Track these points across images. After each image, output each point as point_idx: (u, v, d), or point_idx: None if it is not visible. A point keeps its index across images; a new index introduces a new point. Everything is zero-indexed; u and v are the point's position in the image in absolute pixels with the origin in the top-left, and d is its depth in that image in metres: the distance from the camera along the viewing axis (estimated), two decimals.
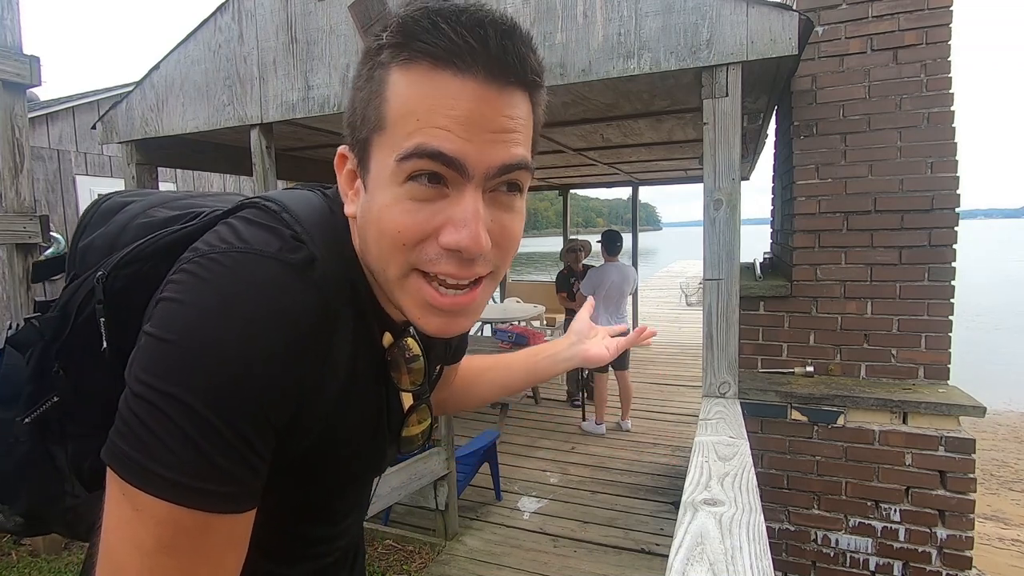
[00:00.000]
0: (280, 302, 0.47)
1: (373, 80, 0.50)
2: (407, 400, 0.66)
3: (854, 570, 2.42)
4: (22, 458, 0.62)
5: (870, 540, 2.39)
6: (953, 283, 2.42)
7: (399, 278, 0.51)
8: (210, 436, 0.43)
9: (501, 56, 0.46)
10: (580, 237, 5.61)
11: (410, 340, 0.65)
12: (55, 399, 0.60)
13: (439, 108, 0.46)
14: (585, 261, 5.52)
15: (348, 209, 0.55)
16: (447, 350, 0.79)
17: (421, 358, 0.66)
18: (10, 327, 0.60)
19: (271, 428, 0.47)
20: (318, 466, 0.58)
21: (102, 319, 0.55)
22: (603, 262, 4.88)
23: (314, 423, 0.53)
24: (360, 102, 0.51)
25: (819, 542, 2.47)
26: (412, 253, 0.49)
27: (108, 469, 0.45)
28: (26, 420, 0.60)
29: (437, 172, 0.47)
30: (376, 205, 0.50)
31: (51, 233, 4.19)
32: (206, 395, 0.43)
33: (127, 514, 0.44)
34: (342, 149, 0.56)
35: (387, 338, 0.61)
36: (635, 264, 7.62)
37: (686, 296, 13.32)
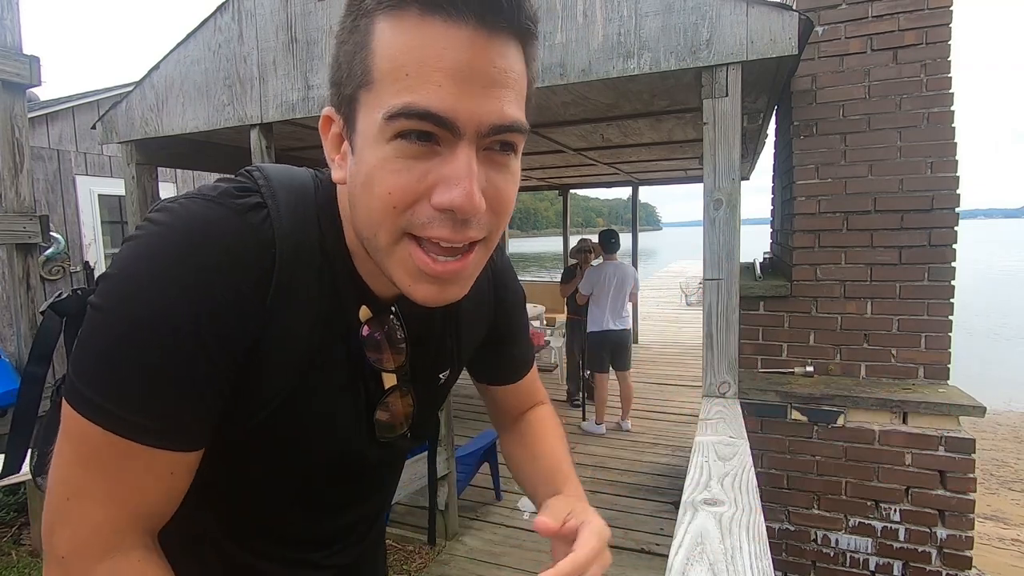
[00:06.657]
0: (203, 230, 0.48)
1: (358, 31, 0.46)
2: (389, 381, 0.62)
3: (854, 570, 2.42)
4: None
5: (870, 540, 2.39)
6: (953, 283, 2.42)
7: (390, 244, 0.48)
8: (123, 354, 0.45)
9: None
10: (593, 238, 5.60)
11: (393, 319, 0.61)
12: None
13: (429, 60, 0.43)
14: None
15: (336, 175, 0.52)
16: (456, 350, 0.72)
17: (405, 341, 0.62)
18: (59, 295, 0.65)
19: (187, 357, 0.46)
20: (286, 440, 0.57)
21: None
22: (601, 261, 4.90)
23: (270, 389, 0.53)
24: (345, 56, 0.48)
25: (819, 542, 2.47)
26: (403, 217, 0.47)
27: None
28: None
29: (427, 131, 0.44)
30: (365, 166, 0.47)
31: (51, 233, 4.19)
32: (120, 314, 0.46)
33: (62, 424, 0.48)
34: (327, 111, 0.52)
35: (364, 311, 0.58)
36: (635, 264, 7.62)
37: (686, 296, 13.30)
